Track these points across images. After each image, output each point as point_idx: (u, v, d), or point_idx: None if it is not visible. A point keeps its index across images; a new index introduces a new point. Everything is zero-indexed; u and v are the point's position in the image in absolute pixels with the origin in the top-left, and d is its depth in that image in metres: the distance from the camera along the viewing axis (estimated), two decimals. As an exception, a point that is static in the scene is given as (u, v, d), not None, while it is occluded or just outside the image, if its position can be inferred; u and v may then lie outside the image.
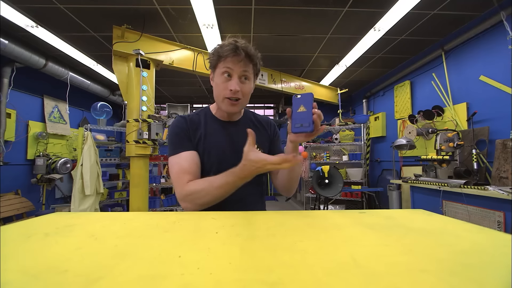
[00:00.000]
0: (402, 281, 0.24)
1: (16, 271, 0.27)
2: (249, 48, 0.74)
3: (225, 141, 0.81)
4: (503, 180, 2.07)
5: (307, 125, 0.58)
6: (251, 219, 0.50)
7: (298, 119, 0.60)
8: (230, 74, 0.74)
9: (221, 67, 0.74)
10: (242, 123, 0.85)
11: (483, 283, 0.24)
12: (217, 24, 2.63)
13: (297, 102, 0.61)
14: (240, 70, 0.73)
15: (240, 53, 0.72)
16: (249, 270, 0.27)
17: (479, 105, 2.51)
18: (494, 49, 2.38)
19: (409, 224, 0.45)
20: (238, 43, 0.73)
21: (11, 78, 3.05)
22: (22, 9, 2.37)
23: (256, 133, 0.79)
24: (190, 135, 0.79)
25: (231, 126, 0.84)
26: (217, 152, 0.78)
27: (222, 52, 0.73)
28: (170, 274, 0.26)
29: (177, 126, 0.80)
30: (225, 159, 0.77)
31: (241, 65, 0.73)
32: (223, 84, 0.74)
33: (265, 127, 0.90)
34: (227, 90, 0.73)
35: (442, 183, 2.16)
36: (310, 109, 0.59)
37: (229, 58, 0.72)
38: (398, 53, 3.38)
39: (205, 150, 0.78)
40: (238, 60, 0.72)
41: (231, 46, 0.72)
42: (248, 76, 0.76)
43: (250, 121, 0.88)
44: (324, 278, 0.25)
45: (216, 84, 0.77)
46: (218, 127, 0.82)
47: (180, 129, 0.79)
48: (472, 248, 0.33)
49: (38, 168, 3.30)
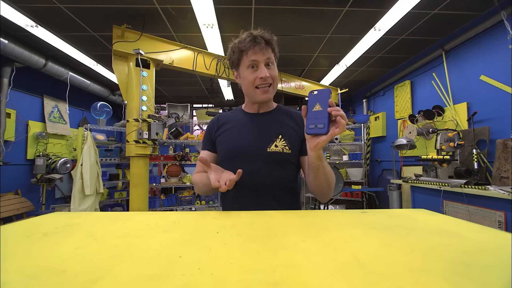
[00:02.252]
0: (405, 281, 0.24)
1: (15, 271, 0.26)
2: (265, 35, 0.76)
3: (245, 131, 0.82)
4: (504, 180, 2.06)
5: (321, 126, 0.53)
6: (251, 219, 0.50)
7: (313, 119, 0.55)
8: (256, 65, 0.76)
9: (246, 61, 0.76)
10: (269, 114, 0.86)
11: (485, 283, 0.24)
12: (217, 24, 2.62)
13: (313, 99, 0.56)
14: (264, 58, 0.75)
15: (260, 41, 0.74)
16: (251, 271, 0.27)
17: (479, 105, 2.50)
18: (494, 49, 2.38)
19: (411, 224, 0.45)
20: (254, 33, 0.75)
21: (11, 78, 3.05)
22: (22, 8, 2.37)
23: (283, 124, 0.83)
24: (213, 135, 0.87)
25: (257, 117, 0.86)
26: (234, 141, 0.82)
27: (243, 47, 0.75)
28: (171, 274, 0.26)
29: (208, 126, 0.92)
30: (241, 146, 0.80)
31: (263, 52, 0.75)
32: (252, 75, 0.76)
33: (297, 120, 0.84)
34: (258, 79, 0.76)
35: (442, 183, 2.16)
36: (326, 108, 0.54)
37: (250, 50, 0.74)
38: (398, 53, 3.37)
39: (225, 141, 0.83)
40: (260, 48, 0.74)
41: (250, 38, 0.74)
42: (272, 61, 0.78)
43: (280, 114, 0.86)
44: (327, 278, 0.25)
45: (244, 78, 0.79)
46: (242, 118, 0.86)
47: (207, 130, 0.91)
48: (475, 248, 0.33)
49: (38, 168, 3.30)
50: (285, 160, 0.79)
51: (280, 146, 0.78)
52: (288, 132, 0.81)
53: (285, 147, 0.78)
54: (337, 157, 4.40)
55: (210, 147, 0.88)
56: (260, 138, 0.79)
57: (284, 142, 0.78)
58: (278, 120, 0.83)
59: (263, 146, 0.78)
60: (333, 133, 0.54)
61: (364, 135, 4.03)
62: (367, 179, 4.09)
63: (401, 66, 3.74)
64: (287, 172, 0.80)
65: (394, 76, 3.81)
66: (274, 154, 0.77)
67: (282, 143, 0.78)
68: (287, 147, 0.78)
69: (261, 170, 0.76)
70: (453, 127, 2.61)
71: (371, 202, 4.25)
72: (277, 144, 0.78)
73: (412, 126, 2.91)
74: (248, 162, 0.77)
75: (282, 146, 0.78)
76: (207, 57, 3.05)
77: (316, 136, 0.56)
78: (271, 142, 0.78)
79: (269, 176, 0.77)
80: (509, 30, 2.15)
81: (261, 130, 0.81)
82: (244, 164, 0.75)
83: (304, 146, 0.79)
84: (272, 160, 0.77)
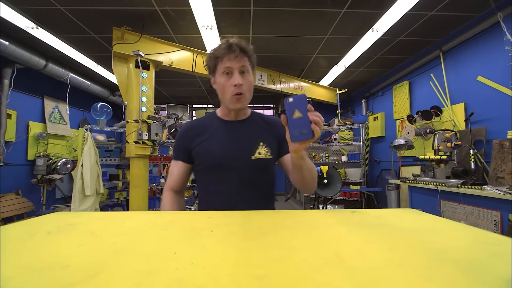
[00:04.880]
0: (380, 275, 0.26)
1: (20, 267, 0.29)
2: (241, 43, 0.78)
3: (227, 140, 0.82)
4: (500, 180, 2.08)
5: (306, 131, 0.54)
6: (245, 218, 0.52)
7: (296, 127, 0.55)
8: (230, 71, 0.77)
9: (221, 68, 0.77)
10: (246, 122, 0.87)
11: (454, 275, 0.26)
12: (216, 25, 2.65)
13: (291, 107, 0.56)
14: (239, 66, 0.76)
15: (235, 49, 0.75)
16: (240, 265, 0.29)
17: (476, 105, 2.53)
18: (491, 50, 2.40)
19: (397, 223, 0.47)
20: (230, 40, 0.77)
21: (11, 79, 3.07)
22: (23, 10, 2.39)
23: (262, 132, 0.85)
24: (188, 144, 0.85)
25: (235, 125, 0.86)
26: (217, 150, 0.81)
27: (218, 53, 0.77)
28: (165, 269, 0.28)
29: (180, 134, 0.89)
30: (226, 156, 0.80)
31: (238, 60, 0.76)
32: (226, 82, 0.77)
33: (273, 126, 0.88)
34: (231, 86, 0.76)
35: (440, 183, 2.18)
36: (305, 114, 0.55)
37: (225, 57, 0.76)
38: (396, 54, 3.39)
39: (206, 150, 0.82)
40: (235, 56, 0.75)
41: (225, 45, 0.76)
42: (246, 69, 0.79)
43: (255, 121, 0.88)
44: (309, 273, 0.27)
45: (219, 84, 0.80)
46: (221, 126, 0.85)
47: (179, 139, 0.88)
48: (452, 245, 0.35)
49: (39, 169, 3.32)
50: (269, 165, 0.83)
51: (263, 153, 0.81)
52: (267, 138, 0.84)
53: (267, 153, 0.82)
54: (336, 157, 4.42)
55: (184, 158, 0.85)
56: (244, 147, 0.81)
57: (266, 149, 0.82)
58: (256, 127, 0.86)
59: (248, 154, 0.80)
60: (316, 135, 0.56)
61: (363, 135, 4.05)
62: (366, 179, 4.11)
63: (400, 66, 3.76)
64: (271, 176, 0.86)
65: (392, 77, 3.83)
66: (259, 161, 0.80)
67: (264, 150, 0.82)
68: (269, 153, 0.82)
69: (248, 179, 0.80)
70: (450, 128, 2.63)
71: (369, 202, 4.27)
72: (260, 152, 0.81)
73: (410, 126, 2.93)
74: (233, 172, 0.79)
75: (265, 152, 0.82)
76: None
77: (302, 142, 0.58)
78: (254, 150, 0.81)
79: (258, 183, 0.81)
80: (505, 32, 2.17)
81: (243, 139, 0.83)
82: (229, 174, 0.79)
83: (281, 148, 0.86)
84: (257, 167, 0.81)
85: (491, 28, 2.36)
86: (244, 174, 0.79)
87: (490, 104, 2.38)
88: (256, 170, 0.80)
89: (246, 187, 0.79)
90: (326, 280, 0.25)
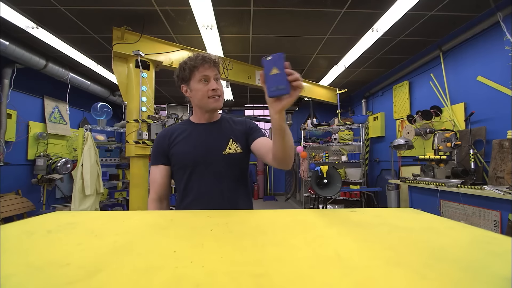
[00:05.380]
0: (378, 273, 0.26)
1: (20, 265, 0.29)
2: (212, 56, 0.90)
3: (201, 139, 0.92)
4: (500, 180, 2.08)
5: (283, 87, 0.55)
6: (245, 217, 0.52)
7: (273, 82, 0.56)
8: (207, 79, 0.88)
9: (198, 76, 0.88)
10: (217, 123, 0.98)
11: (453, 274, 0.26)
12: (216, 25, 2.65)
13: (269, 65, 0.57)
14: (213, 74, 0.89)
15: (209, 61, 0.88)
16: (239, 263, 0.29)
17: (476, 105, 2.53)
18: (491, 50, 2.40)
19: (396, 222, 0.47)
20: (203, 53, 0.90)
21: (11, 79, 3.08)
22: (23, 10, 2.39)
23: (231, 130, 0.95)
24: (166, 148, 0.92)
25: (208, 126, 0.95)
26: (191, 149, 0.90)
27: (194, 64, 0.87)
28: (165, 267, 0.28)
29: (157, 140, 0.96)
30: (200, 153, 0.89)
31: (212, 69, 0.89)
32: (204, 88, 0.88)
33: (241, 124, 0.99)
34: (209, 90, 0.88)
35: (439, 183, 2.18)
36: (283, 70, 0.56)
37: (201, 67, 0.87)
38: (396, 54, 3.40)
39: (182, 150, 0.90)
40: (209, 66, 0.88)
41: (200, 57, 0.87)
42: (218, 77, 0.91)
43: (225, 122, 0.99)
44: (308, 270, 0.27)
45: (195, 90, 0.89)
46: (195, 129, 0.95)
47: (157, 145, 0.94)
48: (451, 244, 0.35)
49: (39, 169, 3.32)
50: (239, 159, 0.92)
51: (233, 148, 0.91)
52: (236, 135, 0.94)
53: (237, 148, 0.92)
54: (336, 157, 4.42)
55: (164, 161, 0.92)
56: (215, 144, 0.91)
57: (236, 144, 0.92)
58: (225, 127, 0.96)
59: (220, 151, 0.90)
60: (294, 94, 0.58)
61: (363, 135, 4.05)
62: (366, 179, 4.11)
63: (399, 66, 3.76)
64: (244, 169, 0.96)
65: (392, 77, 3.83)
66: (230, 155, 0.90)
67: (234, 145, 0.92)
68: (239, 148, 0.92)
69: (221, 172, 0.89)
70: (450, 128, 2.63)
71: (369, 202, 4.27)
72: (231, 147, 0.91)
73: (410, 126, 2.94)
74: (207, 167, 0.88)
75: (235, 147, 0.92)
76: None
77: (279, 98, 0.59)
78: (225, 146, 0.91)
79: (230, 175, 0.90)
80: (505, 32, 2.17)
81: (215, 137, 0.92)
82: (204, 169, 0.88)
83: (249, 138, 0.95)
84: (229, 162, 0.90)
85: (491, 28, 2.36)
86: (217, 168, 0.88)
87: (490, 104, 2.39)
88: (228, 165, 0.90)
89: (220, 180, 0.88)
90: (325, 278, 0.25)
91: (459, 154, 2.46)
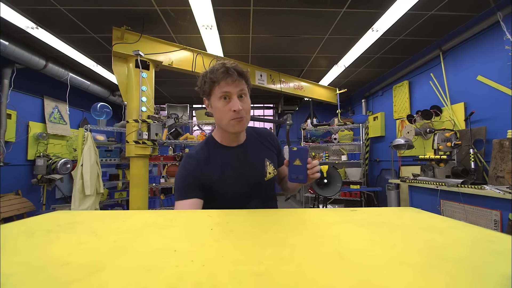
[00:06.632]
0: (381, 272, 0.26)
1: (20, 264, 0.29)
2: (238, 67, 0.76)
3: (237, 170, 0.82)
4: (500, 180, 2.08)
5: (302, 178, 0.71)
6: (245, 217, 0.52)
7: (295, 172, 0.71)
8: (229, 96, 0.74)
9: (218, 92, 0.74)
10: (247, 144, 0.88)
11: (454, 273, 0.26)
12: (216, 25, 2.65)
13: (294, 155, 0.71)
14: (237, 90, 0.75)
15: (233, 73, 0.73)
16: (240, 263, 0.29)
17: (476, 105, 2.53)
18: (491, 50, 2.40)
19: (397, 221, 0.47)
20: (227, 64, 0.74)
21: (11, 79, 3.08)
22: (23, 10, 2.39)
23: (263, 149, 0.90)
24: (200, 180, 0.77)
25: (241, 151, 0.85)
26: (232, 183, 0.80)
27: (215, 77, 0.74)
28: (165, 266, 0.28)
29: (186, 169, 0.78)
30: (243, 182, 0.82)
31: (236, 84, 0.74)
32: (225, 107, 0.75)
33: (269, 140, 0.94)
34: (230, 112, 0.74)
35: (439, 182, 2.18)
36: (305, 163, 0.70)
37: (223, 82, 0.73)
38: (396, 53, 3.40)
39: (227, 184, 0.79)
40: (232, 80, 0.73)
41: (223, 69, 0.73)
42: (245, 93, 0.77)
43: (254, 140, 0.91)
44: (309, 269, 0.27)
45: (216, 109, 0.77)
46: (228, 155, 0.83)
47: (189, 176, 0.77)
48: (452, 243, 0.35)
49: (39, 169, 3.32)
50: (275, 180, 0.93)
51: (272, 172, 0.88)
52: (269, 155, 0.90)
53: (274, 171, 0.89)
54: (336, 157, 4.42)
55: (198, 194, 0.75)
56: (257, 171, 0.85)
57: (272, 167, 0.89)
58: (256, 147, 0.89)
59: (262, 178, 0.85)
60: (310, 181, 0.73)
61: (363, 135, 4.05)
62: (366, 179, 4.11)
63: (399, 66, 3.76)
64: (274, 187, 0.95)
65: (392, 77, 3.83)
66: (270, 180, 0.88)
67: (272, 168, 0.88)
68: (275, 170, 0.90)
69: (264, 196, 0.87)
70: (450, 127, 2.63)
71: (369, 201, 4.27)
72: (270, 171, 0.87)
73: (410, 126, 2.94)
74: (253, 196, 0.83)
75: (272, 170, 0.88)
76: (206, 58, 3.07)
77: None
78: (265, 171, 0.86)
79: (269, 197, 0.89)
80: (505, 31, 2.17)
81: (253, 163, 0.85)
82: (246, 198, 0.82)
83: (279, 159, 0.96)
84: (269, 186, 0.89)
85: (491, 28, 2.36)
86: (260, 196, 0.85)
87: (490, 104, 2.39)
88: (269, 189, 0.88)
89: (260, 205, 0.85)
90: (326, 277, 0.25)
91: (459, 154, 2.46)
